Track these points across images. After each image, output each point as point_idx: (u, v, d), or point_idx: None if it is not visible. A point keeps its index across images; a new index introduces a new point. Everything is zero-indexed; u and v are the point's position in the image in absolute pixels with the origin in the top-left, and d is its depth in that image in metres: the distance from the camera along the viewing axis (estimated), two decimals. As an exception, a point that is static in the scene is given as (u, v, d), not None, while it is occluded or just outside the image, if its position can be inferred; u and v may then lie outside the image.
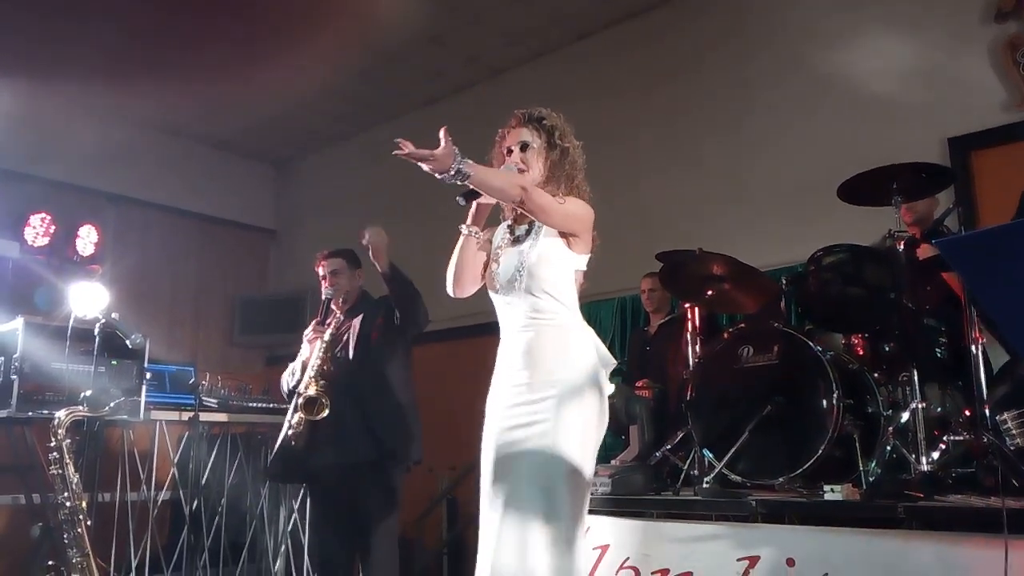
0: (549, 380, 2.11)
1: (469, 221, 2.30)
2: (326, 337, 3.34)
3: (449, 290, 2.34)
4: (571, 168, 2.30)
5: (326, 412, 3.17)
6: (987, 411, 2.65)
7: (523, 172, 2.26)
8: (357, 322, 3.42)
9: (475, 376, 2.57)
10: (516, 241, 2.30)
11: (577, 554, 2.05)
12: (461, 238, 2.31)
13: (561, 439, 2.06)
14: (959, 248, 1.92)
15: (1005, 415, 2.16)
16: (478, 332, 4.06)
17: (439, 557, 5.42)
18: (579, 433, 2.09)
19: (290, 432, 3.28)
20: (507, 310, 2.26)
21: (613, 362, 2.24)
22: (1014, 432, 2.14)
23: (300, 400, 3.21)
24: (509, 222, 2.37)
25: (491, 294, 2.32)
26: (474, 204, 2.27)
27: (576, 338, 2.20)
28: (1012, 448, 2.15)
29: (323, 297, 3.49)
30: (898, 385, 3.07)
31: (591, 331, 2.26)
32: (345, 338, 3.40)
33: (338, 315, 3.48)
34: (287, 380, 3.52)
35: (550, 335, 2.17)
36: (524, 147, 2.29)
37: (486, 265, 2.35)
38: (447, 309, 3.23)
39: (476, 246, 2.31)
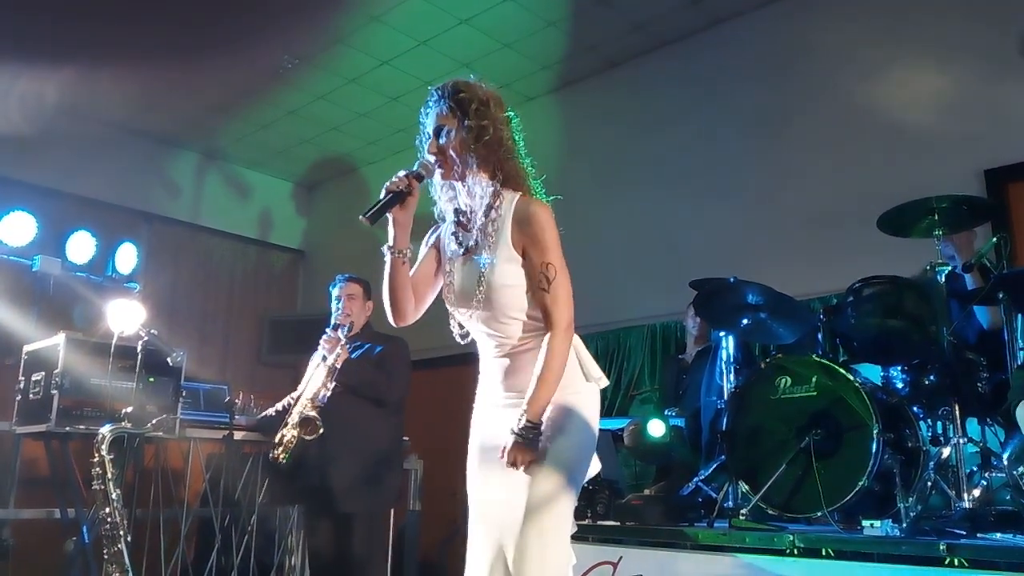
0: None
1: (391, 241, 2.00)
2: (329, 363, 3.43)
3: (391, 320, 2.09)
4: (504, 153, 1.98)
5: (320, 432, 3.27)
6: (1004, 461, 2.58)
7: (441, 163, 2.00)
8: (353, 355, 3.51)
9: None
10: (467, 251, 2.02)
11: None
12: (387, 261, 2.01)
13: (546, 464, 1.87)
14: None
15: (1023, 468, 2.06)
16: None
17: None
18: (565, 456, 1.90)
19: (278, 451, 3.33)
20: (474, 329, 2.03)
21: (599, 373, 2.03)
22: None
23: (298, 418, 3.32)
24: (452, 229, 2.07)
25: (449, 309, 2.06)
26: (391, 219, 1.97)
27: None
28: None
29: (333, 321, 3.56)
30: (938, 419, 3.05)
31: (576, 341, 2.00)
32: (341, 368, 3.46)
33: (343, 342, 3.51)
34: (287, 400, 3.64)
35: (527, 360, 1.95)
36: (439, 132, 1.99)
37: (437, 272, 2.10)
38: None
39: (405, 268, 2.02)
